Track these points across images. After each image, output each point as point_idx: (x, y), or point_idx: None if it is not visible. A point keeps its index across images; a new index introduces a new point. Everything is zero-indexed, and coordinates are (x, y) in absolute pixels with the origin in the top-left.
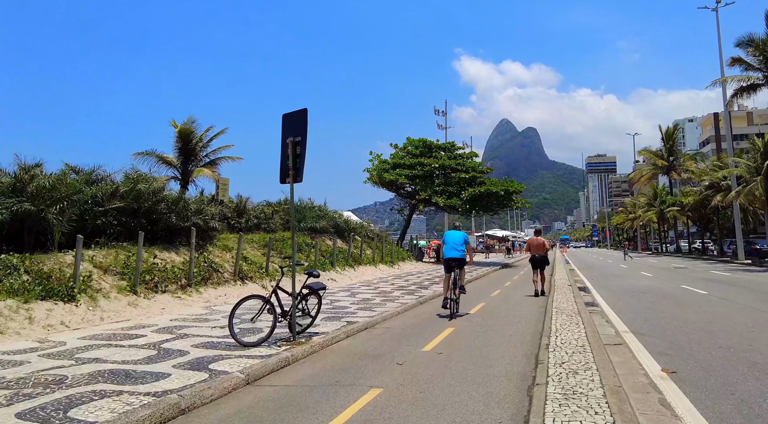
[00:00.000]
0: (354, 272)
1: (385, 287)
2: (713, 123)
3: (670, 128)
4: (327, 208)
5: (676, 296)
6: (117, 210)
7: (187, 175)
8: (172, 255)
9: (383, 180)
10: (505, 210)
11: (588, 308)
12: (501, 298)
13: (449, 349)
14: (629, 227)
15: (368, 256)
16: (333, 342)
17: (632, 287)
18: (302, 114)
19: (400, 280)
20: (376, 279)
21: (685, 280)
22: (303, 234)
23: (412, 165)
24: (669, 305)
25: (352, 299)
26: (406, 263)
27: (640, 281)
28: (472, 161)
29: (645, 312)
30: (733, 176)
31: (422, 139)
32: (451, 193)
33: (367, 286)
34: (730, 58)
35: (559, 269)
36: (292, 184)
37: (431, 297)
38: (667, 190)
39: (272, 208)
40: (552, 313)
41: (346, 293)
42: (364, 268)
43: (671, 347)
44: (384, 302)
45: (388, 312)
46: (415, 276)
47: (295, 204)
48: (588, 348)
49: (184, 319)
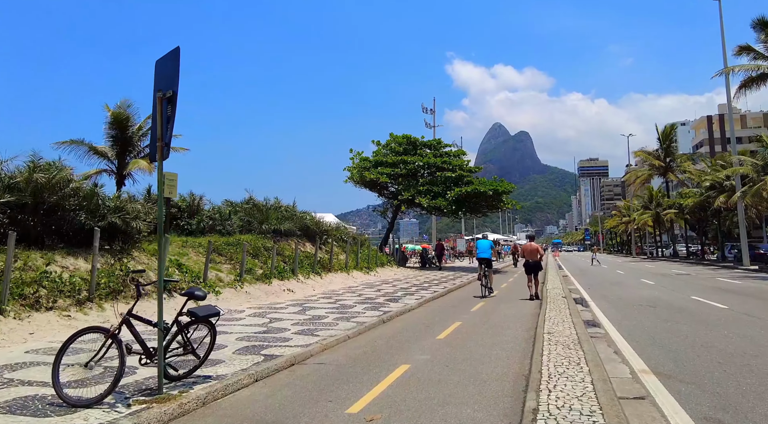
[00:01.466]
0: (320, 280)
1: (349, 299)
2: (706, 126)
3: (667, 128)
4: (296, 208)
5: (691, 311)
6: (8, 205)
7: (124, 169)
8: (80, 261)
9: (364, 179)
10: (495, 212)
11: (589, 329)
12: (481, 314)
13: (390, 410)
14: (623, 231)
15: (341, 261)
16: (227, 393)
17: (636, 298)
18: (173, 57)
19: (371, 290)
20: (343, 289)
21: (694, 289)
22: (264, 237)
23: (395, 163)
24: (688, 325)
25: (298, 317)
26: (386, 268)
27: (643, 289)
28: (459, 159)
29: (662, 336)
30: (737, 176)
31: (406, 135)
32: (436, 193)
33: (327, 298)
34: (736, 47)
35: (551, 276)
36: (160, 162)
37: (400, 312)
38: (663, 192)
39: (233, 207)
40: (544, 342)
41: (296, 309)
42: (333, 275)
43: (719, 403)
44: (337, 320)
45: (333, 338)
46: (391, 285)
47: (258, 203)
48: (598, 412)
49: (46, 350)
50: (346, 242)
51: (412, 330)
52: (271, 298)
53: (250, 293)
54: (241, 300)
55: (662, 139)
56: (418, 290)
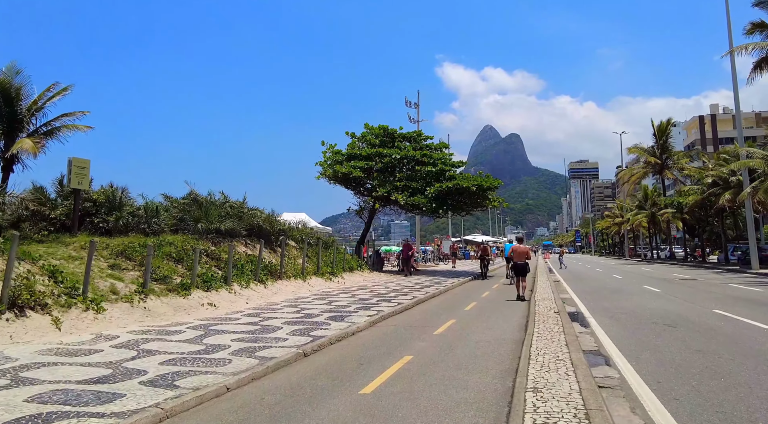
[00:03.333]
0: (262, 290)
1: (282, 316)
2: (698, 126)
3: (662, 123)
4: (245, 204)
5: (726, 334)
6: None
7: (9, 151)
8: None
9: (336, 175)
10: (480, 210)
11: (594, 369)
12: (445, 340)
13: None
14: (615, 232)
15: (297, 266)
16: None
17: (646, 313)
18: None
19: (321, 302)
20: (286, 302)
21: (710, 299)
22: (202, 238)
23: (370, 156)
24: (734, 359)
25: (177, 352)
26: (355, 274)
27: (650, 299)
28: (441, 153)
29: (707, 384)
30: (745, 170)
31: (383, 126)
32: (415, 189)
33: (254, 317)
34: (748, 25)
35: (542, 283)
36: None
37: (340, 336)
38: (659, 191)
39: (171, 203)
40: (525, 413)
41: (193, 335)
42: (284, 284)
43: None
44: (235, 356)
45: (198, 394)
46: (349, 295)
47: (201, 198)
48: None
49: None
50: (308, 244)
51: (328, 375)
52: (179, 315)
53: (152, 309)
54: (129, 320)
55: (658, 135)
56: (380, 301)
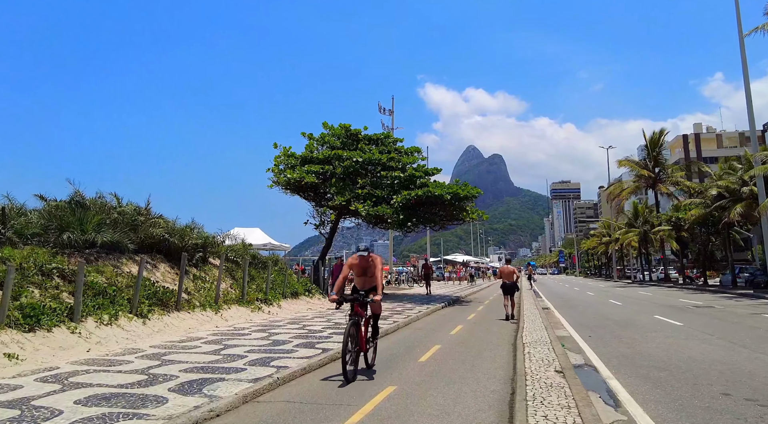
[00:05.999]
0: (138, 327)
1: (109, 379)
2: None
3: (655, 134)
4: (149, 211)
5: None
6: None
7: None
8: None
9: (289, 182)
10: (456, 223)
11: None
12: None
13: None
14: (602, 252)
15: (210, 294)
16: None
17: (689, 365)
18: None
19: (208, 349)
20: (160, 347)
21: (758, 339)
22: (75, 253)
23: (327, 159)
24: None
25: None
26: (300, 301)
27: (678, 339)
28: (412, 157)
29: None
30: (759, 177)
31: (344, 125)
32: (379, 198)
33: (55, 382)
34: None
35: (528, 312)
36: None
37: None
38: (651, 208)
39: (47, 205)
40: None
41: None
42: (183, 317)
43: None
44: None
45: None
46: (265, 335)
47: (85, 201)
48: None
49: None
50: (235, 264)
51: None
52: None
53: None
54: None
55: (650, 147)
56: (300, 346)
